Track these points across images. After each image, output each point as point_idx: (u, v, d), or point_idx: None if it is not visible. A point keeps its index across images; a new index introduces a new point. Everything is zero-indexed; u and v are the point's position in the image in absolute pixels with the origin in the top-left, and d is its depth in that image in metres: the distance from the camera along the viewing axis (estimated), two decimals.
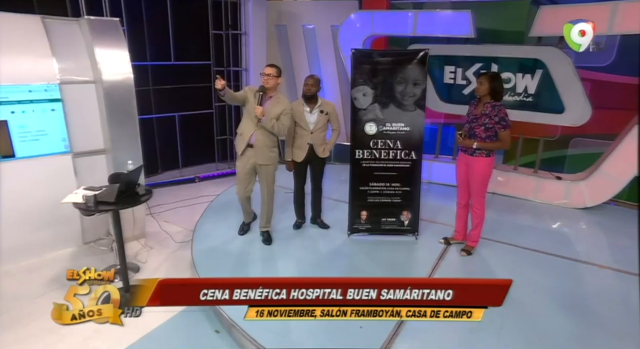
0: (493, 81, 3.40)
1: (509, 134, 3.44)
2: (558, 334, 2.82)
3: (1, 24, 3.64)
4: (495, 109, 3.40)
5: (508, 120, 3.40)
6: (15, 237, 3.90)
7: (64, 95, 3.87)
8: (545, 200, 5.37)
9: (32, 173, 3.83)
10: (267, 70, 3.60)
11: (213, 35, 6.60)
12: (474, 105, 3.59)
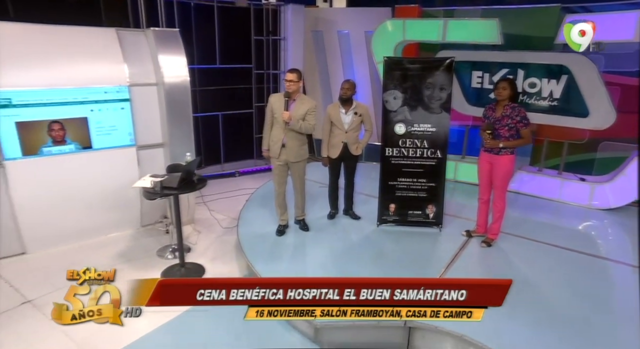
0: (515, 86, 3.75)
1: (530, 131, 3.78)
2: (566, 317, 3.13)
3: (84, 36, 4.28)
4: (515, 110, 3.74)
5: (528, 118, 3.74)
6: (87, 217, 4.52)
7: (132, 95, 4.47)
8: (568, 201, 5.57)
9: (104, 163, 4.44)
10: (289, 77, 3.97)
11: (254, 40, 7.14)
12: (491, 109, 3.92)
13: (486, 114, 3.94)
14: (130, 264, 4.25)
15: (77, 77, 4.17)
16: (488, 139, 3.82)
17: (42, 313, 3.48)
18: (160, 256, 4.40)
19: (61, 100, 4.10)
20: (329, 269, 3.84)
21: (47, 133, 4.08)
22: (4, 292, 3.70)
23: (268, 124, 4.13)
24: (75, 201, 4.38)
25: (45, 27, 4.19)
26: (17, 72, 3.88)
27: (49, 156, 4.13)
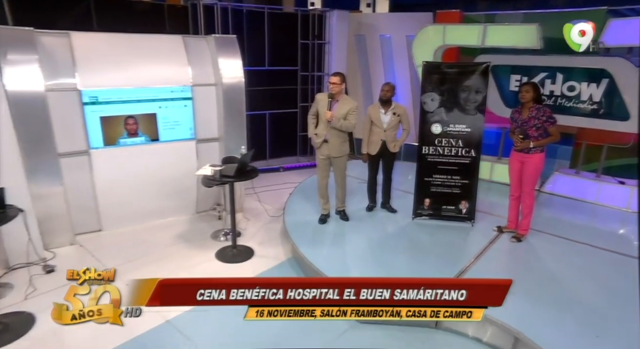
0: (537, 89, 3.98)
1: (558, 128, 4.00)
2: (587, 306, 3.35)
3: (155, 42, 4.89)
4: (540, 110, 3.97)
5: (554, 116, 3.96)
6: (152, 202, 5.13)
7: (194, 94, 5.03)
8: (606, 203, 5.62)
9: (168, 154, 5.03)
10: (333, 80, 4.37)
11: (301, 44, 7.60)
12: (517, 111, 4.15)
13: (514, 117, 4.18)
14: (187, 245, 4.80)
15: (148, 78, 4.77)
16: (519, 141, 4.06)
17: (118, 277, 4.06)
18: (214, 239, 4.93)
19: (135, 98, 4.71)
20: (366, 256, 4.21)
21: (123, 127, 4.70)
22: (88, 260, 4.34)
23: (312, 115, 4.56)
24: (143, 187, 5.00)
25: (123, 35, 4.83)
26: (101, 74, 4.52)
27: (124, 146, 4.75)
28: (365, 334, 3.37)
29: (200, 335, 3.30)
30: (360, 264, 4.05)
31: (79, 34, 4.53)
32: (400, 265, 3.97)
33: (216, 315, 3.59)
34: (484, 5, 9.53)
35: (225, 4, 6.91)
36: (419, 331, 3.39)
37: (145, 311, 3.52)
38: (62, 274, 4.04)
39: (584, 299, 3.48)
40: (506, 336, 3.12)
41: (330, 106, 4.37)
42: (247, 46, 7.13)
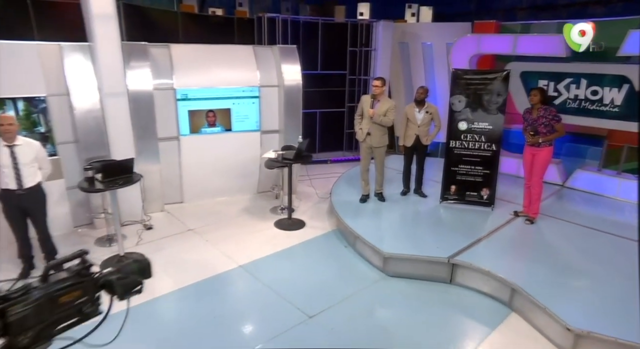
0: (544, 92, 4.72)
1: (563, 125, 4.75)
2: (578, 269, 4.07)
3: (231, 51, 6.05)
4: (547, 110, 4.71)
5: (559, 115, 4.69)
6: (224, 181, 6.28)
7: (261, 94, 6.13)
8: (626, 198, 6.12)
9: (238, 142, 6.16)
10: (375, 83, 5.32)
11: (349, 51, 8.57)
12: (528, 111, 4.89)
13: (525, 116, 4.92)
14: (251, 216, 5.89)
15: (226, 80, 5.93)
16: (530, 137, 4.80)
17: (199, 235, 5.22)
18: (272, 212, 6.00)
19: (215, 96, 5.88)
20: (398, 228, 5.12)
21: (205, 118, 5.89)
22: (175, 223, 5.55)
23: (358, 115, 5.51)
24: (217, 169, 6.16)
25: (207, 46, 6.04)
26: (189, 77, 5.72)
27: (204, 134, 5.94)
28: (393, 285, 4.28)
29: (265, 276, 4.34)
30: (392, 233, 4.95)
31: (175, 46, 5.77)
32: (425, 236, 4.84)
33: (276, 262, 4.65)
34: (523, 13, 10.05)
35: (285, 16, 8.02)
36: (436, 285, 4.26)
37: (220, 257, 4.65)
38: (158, 231, 5.28)
39: (575, 265, 4.19)
40: (504, 289, 3.91)
41: (372, 104, 5.31)
42: (302, 52, 8.17)
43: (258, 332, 3.59)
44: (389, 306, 3.98)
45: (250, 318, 3.80)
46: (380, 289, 4.20)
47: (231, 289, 4.20)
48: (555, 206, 5.82)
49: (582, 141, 6.95)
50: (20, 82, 4.61)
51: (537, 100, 4.75)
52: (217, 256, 4.74)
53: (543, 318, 3.52)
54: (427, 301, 4.01)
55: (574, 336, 3.24)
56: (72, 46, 4.92)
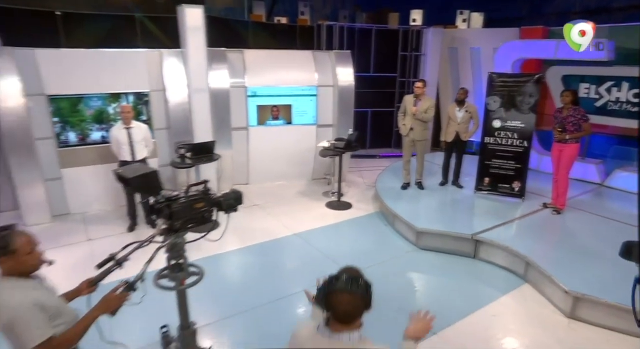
0: (575, 94, 5.20)
1: (590, 125, 5.24)
2: (594, 254, 4.56)
3: (293, 56, 7.04)
4: (577, 110, 5.19)
5: (587, 115, 5.16)
6: (283, 167, 7.28)
7: (318, 92, 7.06)
8: None
9: (296, 133, 7.14)
10: (417, 84, 6.05)
11: (400, 55, 9.28)
12: (558, 111, 5.37)
13: (555, 115, 5.41)
14: (306, 198, 6.82)
15: (288, 80, 6.92)
16: (557, 134, 5.31)
17: (262, 209, 6.23)
18: (324, 196, 6.89)
19: (279, 93, 6.89)
20: (434, 210, 5.82)
21: (270, 112, 6.92)
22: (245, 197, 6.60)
23: (401, 112, 6.27)
24: (278, 156, 7.17)
25: (273, 51, 7.07)
26: (258, 77, 6.77)
27: (269, 126, 6.98)
28: (423, 256, 5.01)
29: (315, 242, 5.24)
30: (426, 214, 5.66)
31: (247, 51, 6.87)
32: (456, 217, 5.51)
33: (325, 233, 5.54)
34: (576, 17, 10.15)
35: (341, 24, 8.92)
36: (461, 258, 4.92)
37: (279, 226, 5.60)
38: None
39: (590, 248, 4.67)
40: (520, 262, 4.50)
41: (415, 103, 6.05)
42: (357, 56, 9.03)
43: (304, 280, 4.47)
44: (417, 271, 4.74)
45: (299, 270, 4.70)
46: (411, 258, 4.95)
47: (286, 250, 5.14)
48: (588, 201, 6.20)
49: (623, 143, 7.19)
50: (131, 80, 5.88)
51: (569, 100, 5.25)
52: (276, 226, 5.71)
53: (549, 286, 4.10)
54: (450, 269, 4.71)
55: (573, 299, 3.81)
56: (169, 52, 6.13)
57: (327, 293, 1.56)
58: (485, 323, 3.82)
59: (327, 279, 1.59)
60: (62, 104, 5.55)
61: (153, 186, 2.20)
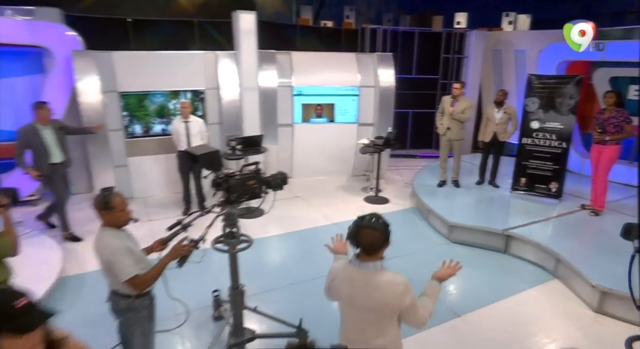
0: (619, 96, 5.22)
1: (633, 127, 5.25)
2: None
3: (337, 58, 7.43)
4: (620, 112, 5.22)
5: (630, 117, 5.17)
6: (324, 163, 7.68)
7: (360, 93, 7.41)
8: None
9: (338, 131, 7.53)
10: (455, 86, 6.28)
11: (443, 58, 9.44)
12: (600, 112, 5.39)
13: (597, 116, 5.45)
14: (346, 192, 7.18)
15: (332, 81, 7.32)
16: (597, 135, 5.35)
17: (303, 201, 6.65)
18: (363, 191, 7.22)
19: (323, 93, 7.31)
20: (469, 207, 6.01)
21: (314, 111, 7.35)
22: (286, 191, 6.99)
23: (440, 112, 6.50)
24: (321, 152, 7.58)
25: (318, 53, 7.50)
26: (304, 77, 7.23)
27: (313, 123, 7.41)
28: (454, 248, 5.23)
29: None
30: (460, 209, 5.86)
31: (295, 53, 7.34)
32: (489, 214, 5.68)
33: None
34: (632, 17, 9.83)
35: (385, 27, 9.21)
36: (492, 253, 5.10)
37: (319, 216, 6.00)
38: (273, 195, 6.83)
39: (624, 249, 4.69)
40: (550, 259, 4.63)
41: (452, 103, 6.26)
42: (399, 58, 9.29)
43: None
44: None
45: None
46: (442, 250, 5.19)
47: (324, 237, 5.37)
48: (630, 205, 6.12)
49: None
50: (189, 79, 6.51)
51: (612, 102, 5.29)
52: (316, 216, 6.12)
53: (577, 281, 4.22)
54: (479, 262, 4.91)
55: (600, 293, 3.92)
56: (224, 54, 6.70)
57: (356, 229, 1.97)
58: (509, 310, 4.02)
59: (356, 219, 2.01)
60: (131, 100, 6.26)
61: (216, 163, 2.67)
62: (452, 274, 2.31)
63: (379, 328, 2.03)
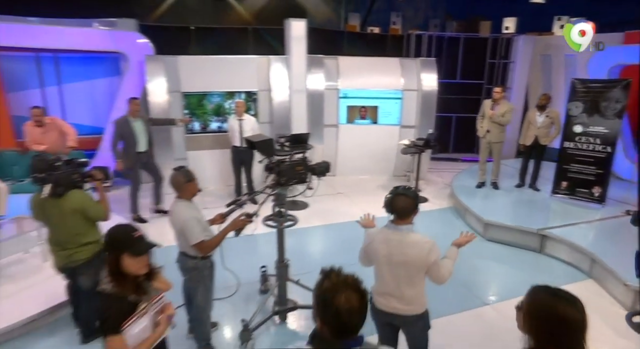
0: None
1: None
2: None
3: (382, 62, 7.77)
4: None
5: None
6: (366, 163, 8.02)
7: (403, 96, 7.70)
8: None
9: (381, 132, 7.85)
10: (496, 89, 6.42)
11: (488, 63, 9.50)
12: None
13: None
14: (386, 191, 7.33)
15: (376, 84, 7.67)
16: None
17: (345, 197, 7.02)
18: None
19: (367, 96, 7.67)
20: (504, 207, 6.12)
21: (358, 112, 7.72)
22: (329, 187, 7.48)
23: (480, 115, 6.66)
24: (363, 152, 7.93)
25: (363, 58, 7.88)
26: (350, 81, 7.63)
27: (357, 124, 7.79)
28: (489, 246, 5.40)
29: None
30: (496, 209, 5.97)
31: (342, 57, 7.78)
32: (526, 214, 5.78)
33: None
34: None
35: (430, 33, 9.43)
36: (526, 252, 5.23)
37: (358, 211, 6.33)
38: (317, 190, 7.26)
39: None
40: (586, 259, 4.71)
41: (492, 107, 6.42)
42: (444, 63, 9.47)
43: None
44: (480, 257, 5.15)
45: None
46: (476, 247, 5.29)
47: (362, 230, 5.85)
48: None
49: None
50: (244, 81, 7.10)
51: None
52: (356, 210, 6.42)
53: (611, 281, 4.30)
54: (512, 259, 5.07)
55: (633, 293, 3.99)
56: (276, 58, 7.25)
57: (392, 197, 2.50)
58: None
59: (391, 189, 2.54)
60: (192, 99, 6.93)
61: (269, 149, 3.12)
62: (469, 241, 2.81)
63: (411, 281, 2.50)
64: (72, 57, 6.93)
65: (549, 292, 1.55)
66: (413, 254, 2.45)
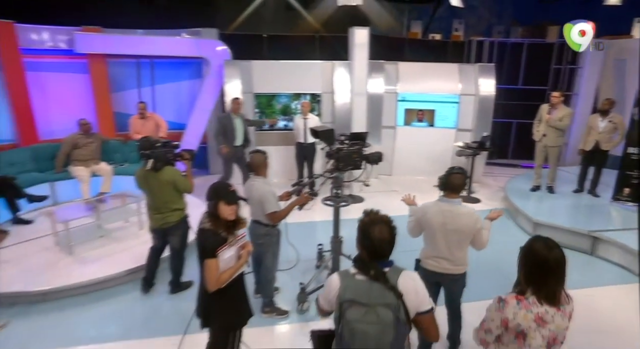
0: None
1: None
2: None
3: (440, 68, 8.07)
4: None
5: None
6: (421, 164, 8.33)
7: (460, 100, 7.94)
8: None
9: (437, 135, 8.14)
10: (554, 94, 6.48)
11: (553, 69, 9.39)
12: None
13: None
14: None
15: (434, 88, 7.99)
16: None
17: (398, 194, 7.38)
18: None
19: (425, 99, 8.00)
20: (557, 210, 6.17)
21: (415, 115, 8.07)
22: (384, 186, 7.89)
23: (537, 120, 6.75)
24: (420, 153, 8.26)
25: (422, 63, 8.23)
26: (409, 85, 8.02)
27: (414, 127, 8.14)
28: None
29: None
30: (548, 211, 6.05)
31: (402, 63, 8.20)
32: (580, 216, 5.83)
33: None
34: None
35: (492, 39, 9.52)
36: (577, 254, 5.30)
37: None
38: (372, 188, 7.70)
39: None
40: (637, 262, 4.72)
41: (549, 111, 6.50)
42: (506, 69, 9.51)
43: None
44: None
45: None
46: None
47: None
48: None
49: None
50: (309, 84, 7.76)
51: None
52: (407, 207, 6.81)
53: None
54: None
55: None
56: (339, 63, 7.83)
57: (447, 175, 3.07)
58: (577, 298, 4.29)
59: (447, 169, 3.14)
60: (262, 100, 7.71)
61: (330, 138, 3.66)
62: (500, 215, 3.38)
63: (460, 245, 3.09)
64: (164, 62, 8.02)
65: (534, 239, 2.02)
66: (464, 223, 2.99)
